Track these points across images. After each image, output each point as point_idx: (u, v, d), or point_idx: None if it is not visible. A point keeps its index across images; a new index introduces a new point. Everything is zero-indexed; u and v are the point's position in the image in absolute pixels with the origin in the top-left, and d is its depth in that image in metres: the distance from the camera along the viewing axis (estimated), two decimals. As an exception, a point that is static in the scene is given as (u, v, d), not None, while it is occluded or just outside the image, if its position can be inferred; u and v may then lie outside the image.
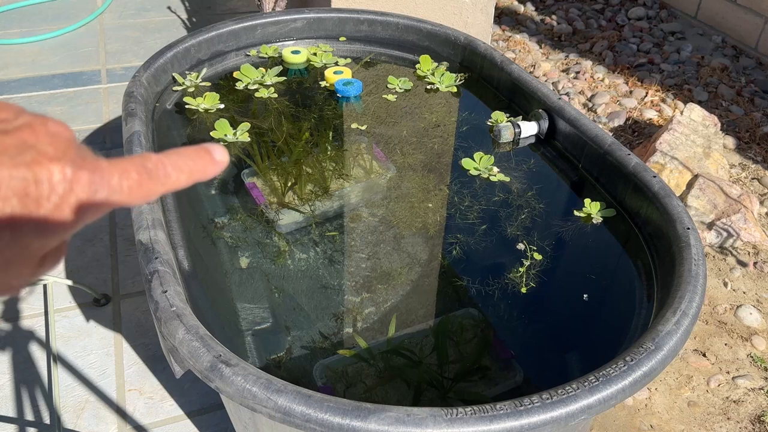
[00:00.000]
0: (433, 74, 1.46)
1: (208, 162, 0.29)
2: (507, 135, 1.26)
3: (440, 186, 1.16)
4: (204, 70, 1.43)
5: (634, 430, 1.20)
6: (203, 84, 1.39)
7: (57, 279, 1.39)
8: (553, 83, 2.25)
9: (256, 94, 1.37)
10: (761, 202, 1.75)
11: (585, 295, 0.95)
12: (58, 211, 0.24)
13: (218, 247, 1.02)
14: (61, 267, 1.47)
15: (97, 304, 1.42)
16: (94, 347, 1.33)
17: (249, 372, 0.68)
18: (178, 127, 1.29)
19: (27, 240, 0.23)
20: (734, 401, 1.26)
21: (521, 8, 2.79)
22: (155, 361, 1.30)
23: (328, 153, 1.24)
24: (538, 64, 2.35)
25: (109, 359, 1.30)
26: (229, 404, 0.91)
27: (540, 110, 1.26)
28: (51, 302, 1.35)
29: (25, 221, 0.23)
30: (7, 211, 0.23)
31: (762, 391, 1.28)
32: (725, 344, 1.37)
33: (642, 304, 0.92)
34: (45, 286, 1.39)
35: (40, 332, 1.35)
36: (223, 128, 1.24)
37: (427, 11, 1.99)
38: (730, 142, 1.96)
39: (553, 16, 2.72)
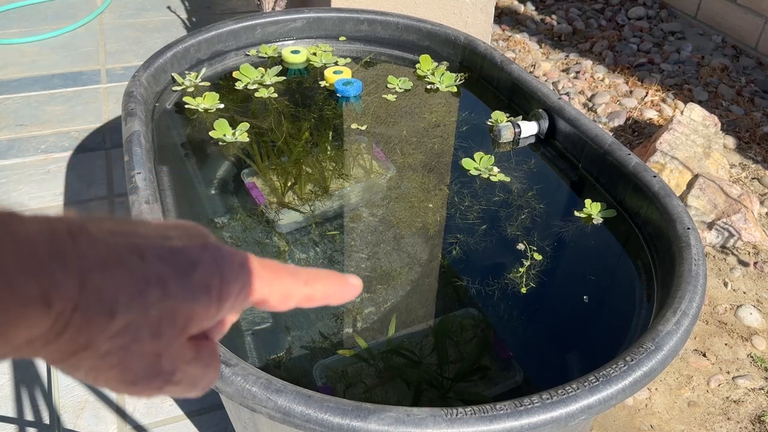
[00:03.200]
0: (433, 74, 1.46)
1: (343, 284, 0.30)
2: (507, 135, 1.25)
3: (440, 186, 1.16)
4: (203, 70, 1.43)
5: (634, 430, 1.20)
6: (203, 84, 1.39)
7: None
8: (553, 83, 2.25)
9: (256, 94, 1.37)
10: (761, 202, 1.75)
11: (585, 296, 0.95)
12: (204, 282, 0.25)
13: (218, 247, 1.02)
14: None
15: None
16: (93, 347, 1.32)
17: (249, 372, 0.68)
18: (178, 127, 1.29)
19: (174, 303, 0.24)
20: (734, 401, 1.26)
21: (521, 8, 2.79)
22: (155, 361, 1.30)
23: (328, 153, 1.23)
24: (538, 63, 2.35)
25: (109, 359, 1.30)
26: (229, 404, 0.91)
27: (540, 110, 1.26)
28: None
29: (173, 281, 0.24)
30: (156, 270, 0.24)
31: (762, 391, 1.28)
32: (725, 344, 1.37)
33: (642, 304, 0.92)
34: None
35: (40, 332, 1.35)
36: (222, 128, 1.24)
37: (427, 11, 1.99)
38: (730, 142, 1.96)
39: (553, 16, 2.72)
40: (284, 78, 1.43)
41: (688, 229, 0.91)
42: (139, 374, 0.24)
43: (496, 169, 1.19)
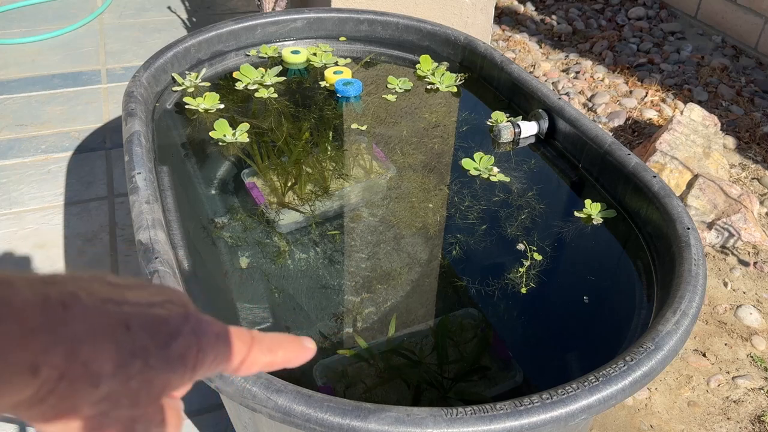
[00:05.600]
0: (433, 74, 1.46)
1: (300, 348, 0.33)
2: (507, 135, 1.26)
3: (440, 186, 1.16)
4: (204, 70, 1.43)
5: (634, 430, 1.20)
6: (203, 84, 1.39)
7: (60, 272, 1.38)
8: (553, 83, 2.25)
9: (256, 94, 1.37)
10: (761, 202, 1.75)
11: (585, 297, 0.95)
12: (181, 354, 0.26)
13: (218, 247, 1.02)
14: (61, 267, 1.47)
15: (97, 304, 1.41)
16: (94, 347, 1.32)
17: (249, 372, 0.68)
18: (178, 127, 1.29)
19: (152, 374, 0.25)
20: (734, 401, 1.26)
21: (521, 8, 2.79)
22: (155, 361, 1.29)
23: (328, 153, 1.24)
24: (538, 64, 2.35)
25: (109, 359, 1.30)
26: (230, 404, 0.91)
27: (540, 110, 1.26)
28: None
29: (153, 354, 0.25)
30: (140, 342, 0.25)
31: (762, 391, 1.28)
32: (725, 344, 1.37)
33: (642, 304, 0.92)
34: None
35: (40, 332, 1.35)
36: (222, 128, 1.24)
37: (427, 11, 1.99)
38: (730, 142, 1.96)
39: (553, 16, 2.72)
40: (284, 78, 1.43)
41: (688, 229, 0.92)
42: None
43: (496, 169, 1.19)
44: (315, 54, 1.50)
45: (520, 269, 0.98)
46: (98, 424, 0.24)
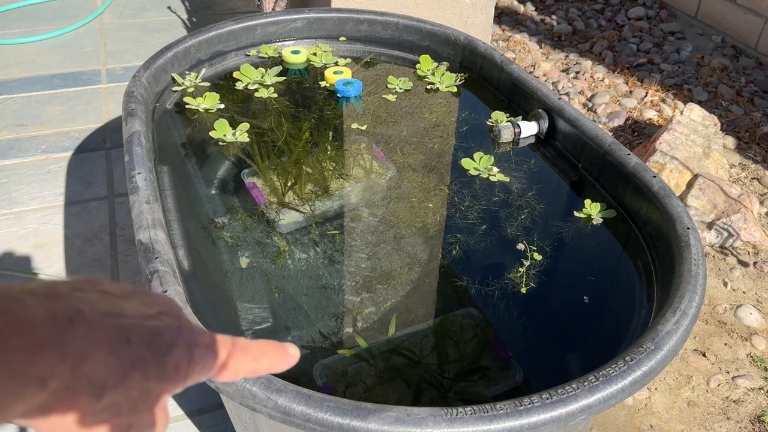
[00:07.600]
0: (433, 74, 1.46)
1: (284, 356, 0.35)
2: (507, 135, 1.26)
3: (440, 186, 1.16)
4: (204, 70, 1.43)
5: (634, 430, 1.20)
6: (203, 84, 1.39)
7: (57, 279, 1.39)
8: (553, 83, 2.25)
9: (256, 94, 1.37)
10: (761, 202, 1.75)
11: (585, 297, 0.95)
12: (175, 365, 0.28)
13: (218, 247, 1.02)
14: (61, 267, 1.47)
15: (97, 304, 1.41)
16: (94, 347, 1.32)
17: (249, 372, 0.68)
18: (178, 127, 1.29)
19: (150, 384, 0.27)
20: (734, 401, 1.26)
21: (521, 8, 2.79)
22: (155, 361, 1.29)
23: (328, 153, 1.24)
24: (538, 64, 2.35)
25: (109, 359, 1.30)
26: (229, 404, 0.92)
27: (540, 110, 1.26)
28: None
29: (151, 365, 0.27)
30: (139, 355, 0.27)
31: (762, 391, 1.28)
32: (725, 344, 1.37)
33: (642, 304, 0.92)
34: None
35: (40, 332, 1.35)
36: (222, 128, 1.24)
37: (427, 11, 1.99)
38: (730, 142, 1.96)
39: (553, 16, 2.72)
40: (284, 78, 1.43)
41: (688, 229, 0.92)
42: None
43: (495, 169, 1.19)
44: (315, 54, 1.50)
45: (520, 269, 0.98)
46: (98, 429, 0.26)
